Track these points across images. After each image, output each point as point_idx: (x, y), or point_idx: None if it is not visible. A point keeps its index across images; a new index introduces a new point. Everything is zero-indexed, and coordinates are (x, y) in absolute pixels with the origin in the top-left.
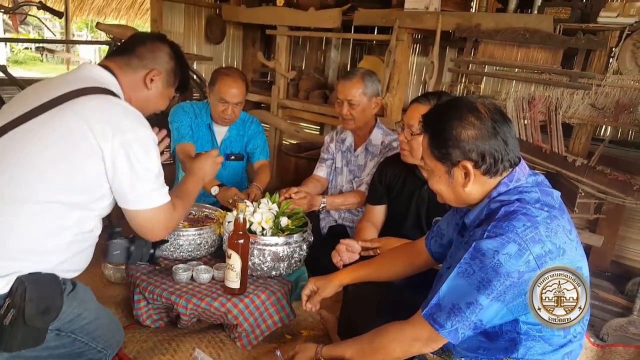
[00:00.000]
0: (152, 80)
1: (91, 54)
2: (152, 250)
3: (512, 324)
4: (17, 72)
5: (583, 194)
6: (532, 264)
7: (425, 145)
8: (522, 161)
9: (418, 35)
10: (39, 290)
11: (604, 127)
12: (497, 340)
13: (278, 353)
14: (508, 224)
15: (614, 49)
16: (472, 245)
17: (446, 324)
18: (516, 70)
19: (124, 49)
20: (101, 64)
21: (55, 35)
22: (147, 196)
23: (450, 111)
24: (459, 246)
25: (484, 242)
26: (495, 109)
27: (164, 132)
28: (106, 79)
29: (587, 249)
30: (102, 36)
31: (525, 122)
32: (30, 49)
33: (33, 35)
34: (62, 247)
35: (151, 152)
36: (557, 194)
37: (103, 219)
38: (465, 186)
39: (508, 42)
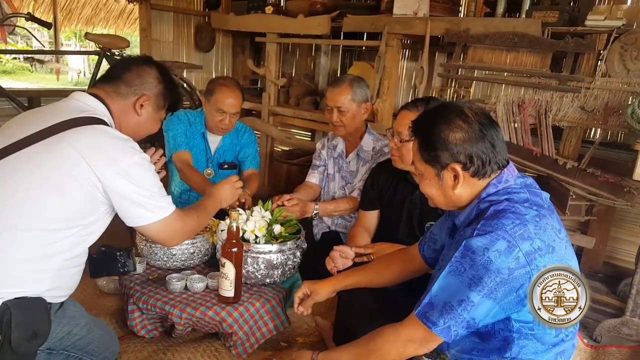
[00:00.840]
0: (141, 106)
1: (80, 64)
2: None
3: (505, 322)
4: (6, 82)
5: (574, 196)
6: (521, 260)
7: (415, 149)
8: (511, 164)
9: (407, 41)
10: (25, 315)
11: (593, 129)
12: (490, 341)
13: None
14: (497, 222)
15: (602, 51)
16: (462, 243)
17: (439, 321)
18: (505, 74)
19: (111, 76)
20: (91, 92)
21: (43, 46)
22: (152, 212)
23: (438, 115)
24: (450, 247)
25: (474, 240)
26: (482, 113)
27: (160, 151)
28: (96, 108)
29: (579, 251)
30: (91, 45)
31: (516, 126)
32: (19, 59)
33: (21, 45)
34: (52, 272)
35: (147, 172)
36: (546, 195)
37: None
38: (454, 188)
39: (497, 46)
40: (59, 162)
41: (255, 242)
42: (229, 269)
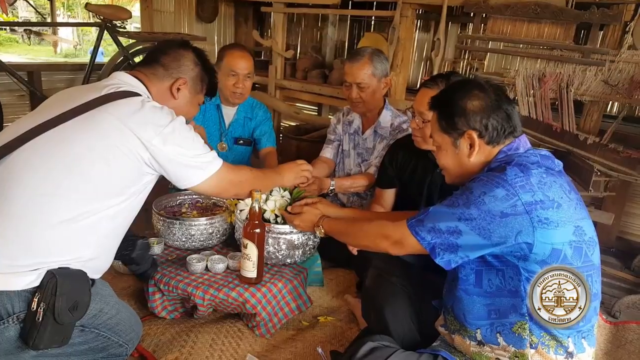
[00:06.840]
0: (178, 89)
1: (69, 34)
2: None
3: (514, 269)
4: None
5: (599, 173)
6: (519, 208)
7: (434, 120)
8: (524, 137)
9: (419, 11)
10: (69, 284)
11: (611, 103)
12: (500, 296)
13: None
14: (500, 173)
15: (629, 23)
16: (465, 186)
17: (426, 237)
18: (521, 46)
19: (148, 60)
20: (130, 74)
21: (43, 17)
22: (202, 169)
23: (456, 88)
24: None
25: (474, 184)
26: (499, 87)
27: (192, 122)
28: (137, 86)
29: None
30: (80, 14)
31: (535, 100)
32: (6, 30)
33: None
34: (95, 238)
35: (189, 133)
36: (559, 162)
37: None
38: (470, 156)
39: (518, 17)
40: (103, 132)
41: (276, 222)
42: (251, 250)
